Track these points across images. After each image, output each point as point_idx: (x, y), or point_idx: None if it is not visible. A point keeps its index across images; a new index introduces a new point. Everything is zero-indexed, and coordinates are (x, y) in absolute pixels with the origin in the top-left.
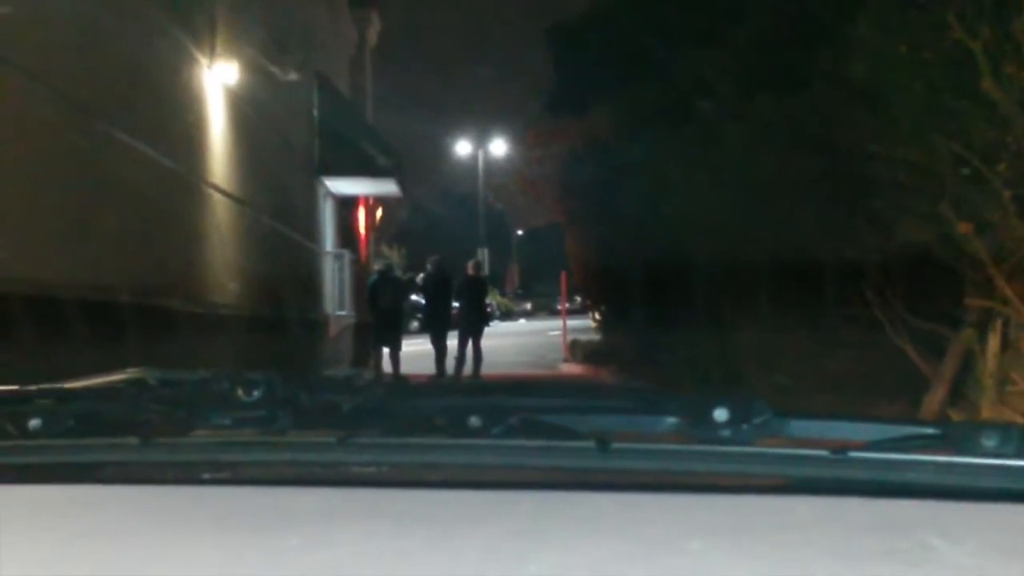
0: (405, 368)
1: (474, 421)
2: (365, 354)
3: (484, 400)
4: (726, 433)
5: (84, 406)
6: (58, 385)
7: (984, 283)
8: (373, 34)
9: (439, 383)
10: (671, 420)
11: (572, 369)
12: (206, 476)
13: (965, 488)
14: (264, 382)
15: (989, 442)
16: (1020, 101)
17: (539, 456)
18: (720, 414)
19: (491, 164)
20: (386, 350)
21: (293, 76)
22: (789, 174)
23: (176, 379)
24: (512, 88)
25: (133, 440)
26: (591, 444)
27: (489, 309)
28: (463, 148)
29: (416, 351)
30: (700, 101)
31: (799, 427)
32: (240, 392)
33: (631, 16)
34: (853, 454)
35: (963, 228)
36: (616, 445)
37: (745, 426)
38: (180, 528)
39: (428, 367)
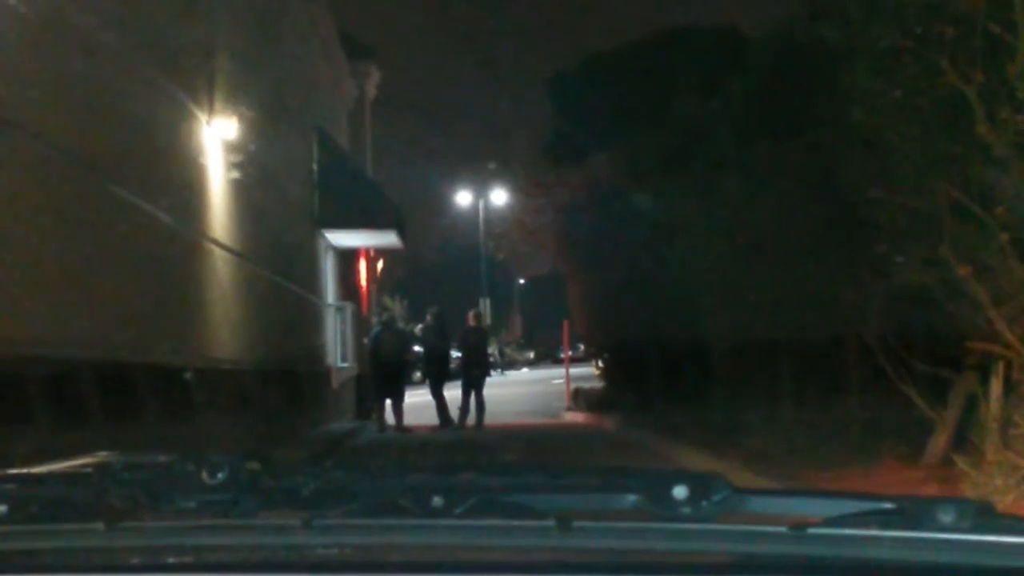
0: (408, 420)
1: (437, 501)
2: (368, 406)
3: (447, 480)
4: (686, 510)
5: (49, 491)
6: (23, 470)
7: (985, 326)
8: (372, 87)
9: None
10: (631, 497)
11: (575, 418)
12: (171, 561)
13: (921, 564)
14: (228, 465)
15: (946, 517)
16: (1015, 145)
17: (500, 536)
18: (680, 491)
19: (492, 214)
20: (389, 402)
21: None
22: (789, 221)
23: (141, 463)
24: (513, 138)
25: (99, 525)
26: (552, 523)
27: (492, 359)
28: (464, 198)
29: (419, 402)
30: (700, 150)
31: (758, 503)
32: (204, 475)
33: (630, 66)
34: (811, 530)
35: (962, 271)
36: (577, 524)
37: (704, 503)
38: None
39: (431, 418)
